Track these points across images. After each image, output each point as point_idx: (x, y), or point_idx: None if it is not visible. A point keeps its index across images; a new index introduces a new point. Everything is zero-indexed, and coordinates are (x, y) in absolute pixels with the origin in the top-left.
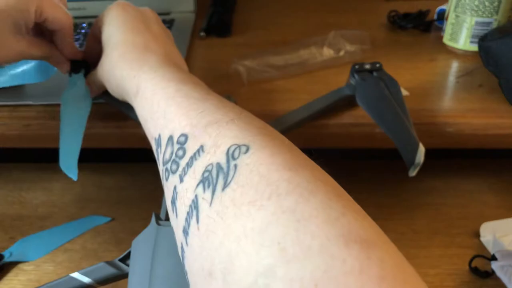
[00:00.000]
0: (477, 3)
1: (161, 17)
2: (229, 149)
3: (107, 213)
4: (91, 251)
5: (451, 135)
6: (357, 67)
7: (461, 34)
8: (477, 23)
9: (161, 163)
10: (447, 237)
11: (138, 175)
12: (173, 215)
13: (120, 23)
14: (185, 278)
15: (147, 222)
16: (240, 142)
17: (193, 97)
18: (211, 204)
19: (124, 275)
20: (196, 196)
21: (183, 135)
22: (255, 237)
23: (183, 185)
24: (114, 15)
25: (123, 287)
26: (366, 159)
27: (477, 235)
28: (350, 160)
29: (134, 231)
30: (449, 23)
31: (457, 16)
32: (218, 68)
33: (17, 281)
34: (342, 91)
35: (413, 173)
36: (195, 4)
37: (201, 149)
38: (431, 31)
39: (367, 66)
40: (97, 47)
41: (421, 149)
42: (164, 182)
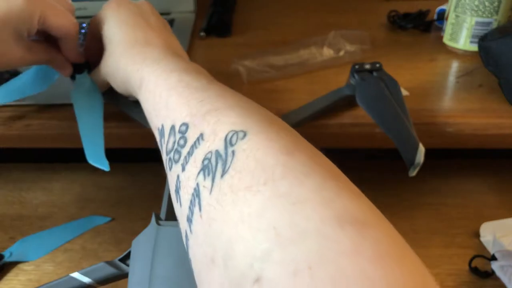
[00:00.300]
0: (477, 3)
1: None
2: (227, 135)
3: (107, 213)
4: (91, 251)
5: (451, 135)
6: (357, 67)
7: (461, 34)
8: (477, 23)
9: (164, 153)
10: (447, 237)
11: (138, 175)
12: (177, 204)
13: (119, 21)
14: (185, 278)
15: (147, 222)
16: (238, 128)
17: (194, 87)
18: (211, 191)
19: (124, 275)
20: (197, 184)
21: (184, 124)
22: (252, 222)
23: (185, 173)
24: (112, 13)
25: (123, 287)
26: (366, 159)
27: (477, 235)
28: (350, 160)
29: (134, 231)
30: (449, 23)
31: (457, 16)
32: (218, 68)
33: (17, 281)
34: (342, 91)
35: (413, 173)
36: (195, 4)
37: (201, 137)
38: (431, 31)
39: (367, 66)
40: (96, 46)
41: (421, 149)
42: (168, 171)
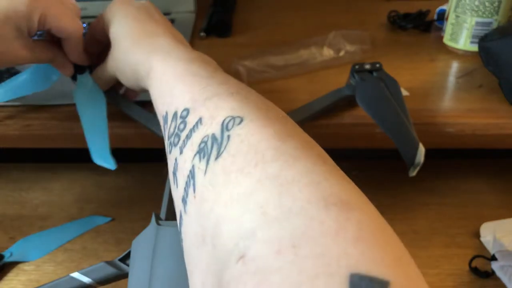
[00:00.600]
0: (477, 3)
1: None
2: (224, 120)
3: (107, 213)
4: (91, 251)
5: (451, 135)
6: (357, 67)
7: (461, 34)
8: (477, 23)
9: (166, 138)
10: (447, 237)
11: (138, 175)
12: (174, 185)
13: (126, 15)
14: (185, 278)
15: (147, 222)
16: (235, 114)
17: (199, 75)
18: (205, 173)
19: (124, 275)
20: (193, 166)
21: (185, 109)
22: (241, 202)
23: (183, 156)
24: (119, 10)
25: (123, 287)
26: (366, 159)
27: (477, 235)
28: (350, 160)
29: (134, 231)
30: (449, 23)
31: (457, 16)
32: None
33: (17, 281)
34: (342, 91)
35: (413, 173)
36: (195, 4)
37: (199, 121)
38: (431, 31)
39: (367, 66)
40: (95, 47)
41: (421, 149)
42: (168, 155)
